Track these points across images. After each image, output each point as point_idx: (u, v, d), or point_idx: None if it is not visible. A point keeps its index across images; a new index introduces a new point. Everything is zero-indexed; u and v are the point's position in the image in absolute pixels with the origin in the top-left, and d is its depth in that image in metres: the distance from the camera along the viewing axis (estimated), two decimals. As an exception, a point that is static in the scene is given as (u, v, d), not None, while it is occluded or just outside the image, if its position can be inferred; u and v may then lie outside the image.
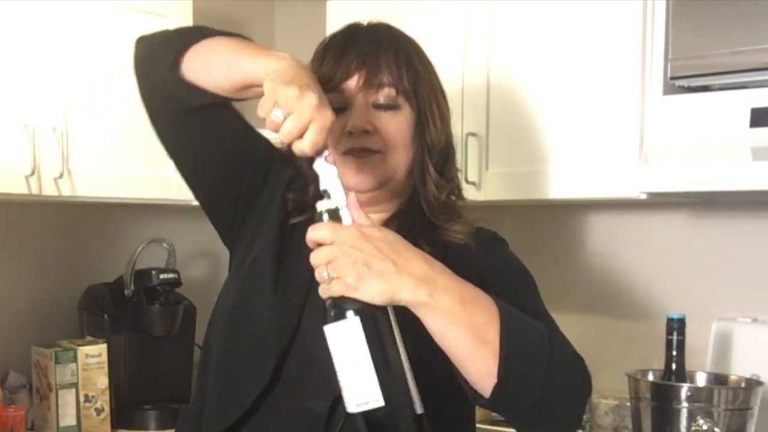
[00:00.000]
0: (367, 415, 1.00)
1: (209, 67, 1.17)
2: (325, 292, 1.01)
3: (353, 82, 1.20)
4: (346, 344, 0.99)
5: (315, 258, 1.01)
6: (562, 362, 1.06)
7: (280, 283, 1.22)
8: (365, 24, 1.29)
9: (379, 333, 1.00)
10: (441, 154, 1.26)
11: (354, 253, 0.99)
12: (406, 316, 1.03)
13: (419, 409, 1.02)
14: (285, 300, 1.20)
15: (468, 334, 1.02)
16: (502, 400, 1.03)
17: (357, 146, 1.20)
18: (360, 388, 0.99)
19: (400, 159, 1.22)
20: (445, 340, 1.04)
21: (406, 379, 1.02)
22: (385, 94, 1.21)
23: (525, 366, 1.03)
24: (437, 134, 1.25)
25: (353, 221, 1.03)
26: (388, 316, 1.02)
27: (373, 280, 0.99)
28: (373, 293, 0.99)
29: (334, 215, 1.02)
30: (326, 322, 1.01)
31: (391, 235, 1.03)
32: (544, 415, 1.06)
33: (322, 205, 1.03)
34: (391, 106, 1.21)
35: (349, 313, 0.99)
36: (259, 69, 1.10)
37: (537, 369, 1.03)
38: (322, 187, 1.04)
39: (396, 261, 1.01)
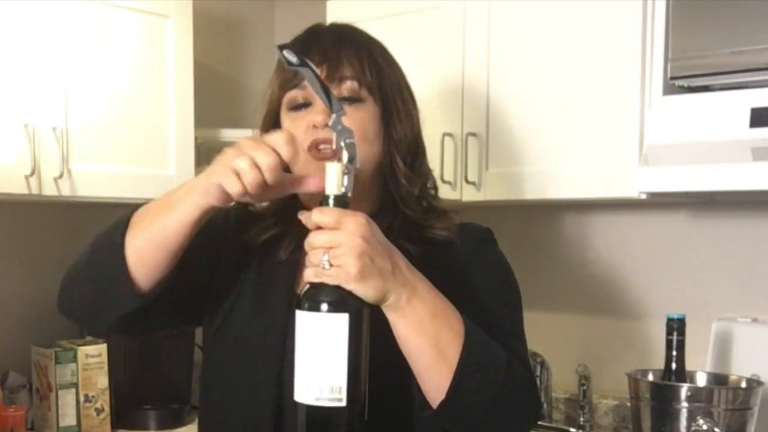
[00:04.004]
0: (315, 410, 0.98)
1: (151, 250, 1.12)
2: (316, 276, 0.99)
3: None
4: (325, 337, 0.97)
5: (316, 240, 0.99)
6: (514, 393, 1.09)
7: (260, 307, 1.21)
8: (329, 24, 1.28)
9: (360, 332, 0.99)
10: (409, 148, 1.24)
11: (362, 244, 0.98)
12: (374, 318, 1.03)
13: (366, 415, 1.01)
14: (269, 321, 1.19)
15: (431, 348, 1.04)
16: (446, 415, 1.06)
17: (319, 139, 1.16)
18: (326, 382, 0.97)
19: (365, 153, 1.18)
20: (408, 346, 1.06)
21: (366, 384, 1.01)
22: (347, 87, 1.19)
23: (475, 390, 1.06)
24: (403, 129, 1.23)
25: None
26: (369, 316, 1.01)
27: (373, 276, 0.99)
28: (369, 289, 0.99)
29: (339, 201, 1.00)
30: (304, 308, 0.98)
31: (382, 234, 1.04)
32: None
33: (330, 169, 1.00)
34: (354, 99, 1.19)
35: (338, 306, 0.97)
36: (187, 202, 1.09)
37: (486, 395, 1.06)
38: (334, 147, 1.03)
39: (392, 260, 1.02)
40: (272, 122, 1.24)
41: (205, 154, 2.52)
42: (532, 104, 2.03)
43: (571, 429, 2.27)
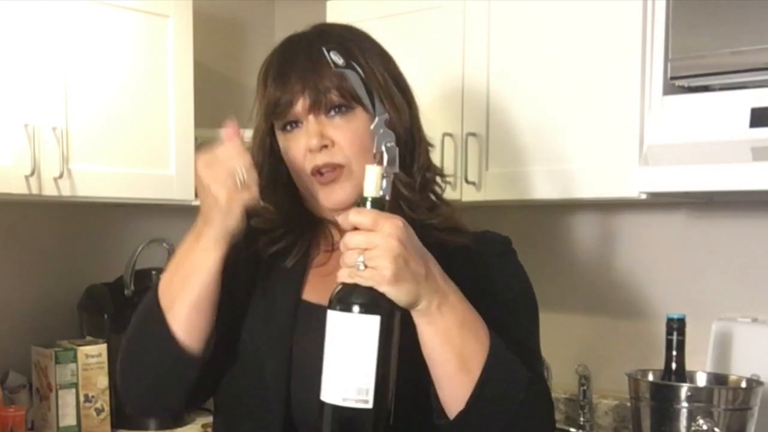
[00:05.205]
0: (342, 410, 0.98)
1: (187, 303, 1.13)
2: (350, 276, 0.99)
3: (299, 106, 1.17)
4: (356, 338, 0.97)
5: (352, 241, 0.99)
6: (532, 413, 1.09)
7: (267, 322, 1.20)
8: (300, 35, 1.24)
9: (390, 335, 0.99)
10: (406, 145, 1.21)
11: (398, 247, 0.98)
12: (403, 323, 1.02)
13: (391, 419, 1.01)
14: (276, 329, 1.18)
15: (455, 357, 1.04)
16: (462, 426, 1.06)
17: (321, 163, 1.17)
18: (353, 383, 0.97)
19: (366, 161, 1.16)
20: (432, 353, 1.05)
21: (393, 388, 1.01)
22: (332, 100, 1.17)
23: (494, 405, 1.05)
24: (393, 126, 1.19)
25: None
26: (400, 320, 1.01)
27: (407, 280, 0.98)
28: (402, 293, 0.99)
29: (376, 204, 1.00)
30: (335, 308, 0.98)
31: (417, 239, 1.03)
32: None
33: (369, 172, 1.00)
34: (345, 110, 1.18)
35: (371, 308, 0.97)
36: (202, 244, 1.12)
37: (505, 411, 1.06)
38: (375, 150, 1.04)
39: (426, 265, 1.02)
40: (265, 145, 1.24)
41: (205, 154, 2.52)
42: (531, 104, 2.03)
43: (571, 429, 2.27)
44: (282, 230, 1.24)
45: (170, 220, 2.55)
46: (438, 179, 1.28)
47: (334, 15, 2.30)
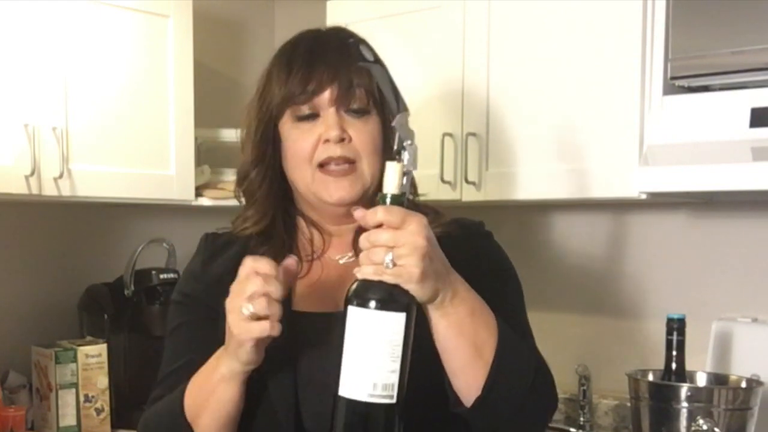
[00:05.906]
0: (366, 406, 0.98)
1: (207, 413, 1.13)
2: (376, 274, 0.98)
3: (326, 96, 1.18)
4: (380, 334, 0.97)
5: (379, 239, 0.99)
6: (541, 390, 1.13)
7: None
8: (323, 30, 1.26)
9: (411, 330, 1.00)
10: None
11: (425, 245, 0.98)
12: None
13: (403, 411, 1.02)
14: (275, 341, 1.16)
15: (469, 347, 1.06)
16: (480, 412, 1.08)
17: (335, 156, 1.18)
18: (380, 379, 0.98)
19: (374, 166, 1.20)
20: (447, 345, 1.07)
21: (407, 381, 1.02)
22: (358, 100, 1.19)
23: (508, 387, 1.08)
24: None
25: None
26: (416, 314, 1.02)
27: (432, 277, 1.00)
28: (426, 290, 1.00)
29: (396, 201, 1.00)
30: (355, 304, 0.98)
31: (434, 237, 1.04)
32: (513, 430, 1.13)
33: (390, 168, 1.00)
34: (363, 112, 1.19)
35: (394, 304, 0.98)
36: (223, 367, 1.09)
37: (518, 392, 1.09)
38: (396, 147, 1.04)
39: (443, 261, 1.03)
40: (268, 134, 1.23)
41: (205, 154, 2.52)
42: (531, 104, 2.03)
43: (571, 429, 2.27)
44: (265, 246, 1.23)
45: (170, 220, 2.55)
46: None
47: (334, 15, 2.30)
